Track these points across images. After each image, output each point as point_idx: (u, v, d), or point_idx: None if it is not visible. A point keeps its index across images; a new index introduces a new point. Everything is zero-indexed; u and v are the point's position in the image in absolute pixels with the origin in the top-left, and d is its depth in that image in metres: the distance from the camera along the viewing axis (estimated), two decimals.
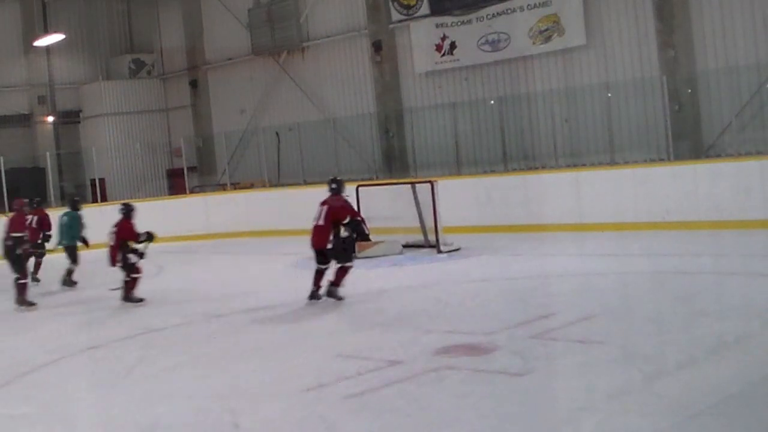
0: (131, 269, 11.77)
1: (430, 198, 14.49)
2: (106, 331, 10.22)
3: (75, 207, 14.90)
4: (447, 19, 19.53)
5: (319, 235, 10.89)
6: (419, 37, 20.10)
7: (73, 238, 14.50)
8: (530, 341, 7.71)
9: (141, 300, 11.80)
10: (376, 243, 14.73)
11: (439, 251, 14.35)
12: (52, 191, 23.39)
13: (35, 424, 6.81)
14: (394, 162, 20.74)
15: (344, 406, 6.36)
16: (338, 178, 11.46)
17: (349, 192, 15.60)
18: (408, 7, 20.23)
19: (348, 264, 10.82)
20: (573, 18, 17.51)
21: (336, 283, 10.75)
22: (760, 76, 15.06)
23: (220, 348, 8.80)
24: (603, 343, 7.49)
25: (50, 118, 26.66)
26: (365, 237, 12.87)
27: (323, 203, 11.06)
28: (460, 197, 16.61)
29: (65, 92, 27.03)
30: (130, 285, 11.83)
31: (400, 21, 20.46)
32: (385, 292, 11.26)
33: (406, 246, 14.96)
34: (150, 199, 23.77)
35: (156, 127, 27.44)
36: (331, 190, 11.19)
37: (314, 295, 10.82)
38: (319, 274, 10.85)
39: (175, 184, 25.83)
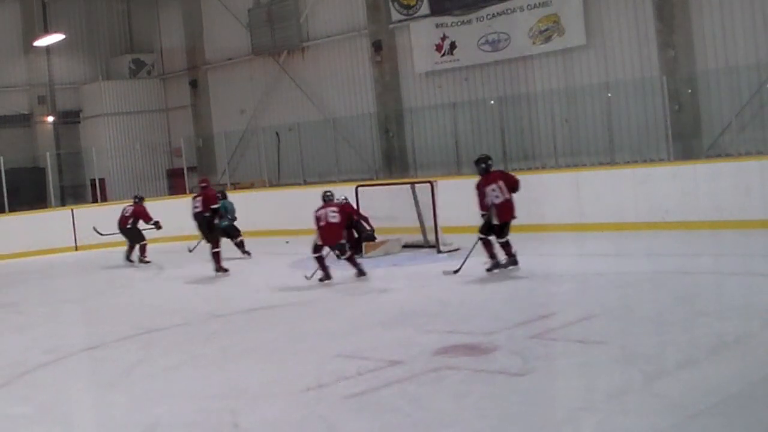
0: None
1: (430, 198, 14.50)
2: (106, 331, 10.22)
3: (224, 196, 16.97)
4: (447, 19, 19.53)
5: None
6: (419, 37, 20.10)
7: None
8: (530, 341, 7.71)
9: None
10: (381, 243, 14.75)
11: (439, 251, 14.35)
12: (51, 191, 23.39)
13: (35, 424, 6.81)
14: (394, 162, 20.74)
15: (344, 406, 6.36)
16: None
17: (349, 192, 15.68)
18: (408, 7, 20.23)
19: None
20: (573, 18, 17.51)
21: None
22: (760, 76, 15.06)
23: (220, 348, 8.80)
24: (603, 343, 7.49)
25: (50, 118, 26.66)
26: (370, 236, 13.30)
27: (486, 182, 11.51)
28: (460, 197, 16.58)
29: (65, 92, 27.03)
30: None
31: (400, 21, 20.46)
32: (385, 292, 11.27)
33: (406, 246, 14.96)
34: (150, 199, 23.74)
35: (156, 127, 27.44)
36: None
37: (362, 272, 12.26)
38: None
39: (175, 184, 25.83)
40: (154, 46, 28.06)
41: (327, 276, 12.32)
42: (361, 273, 12.41)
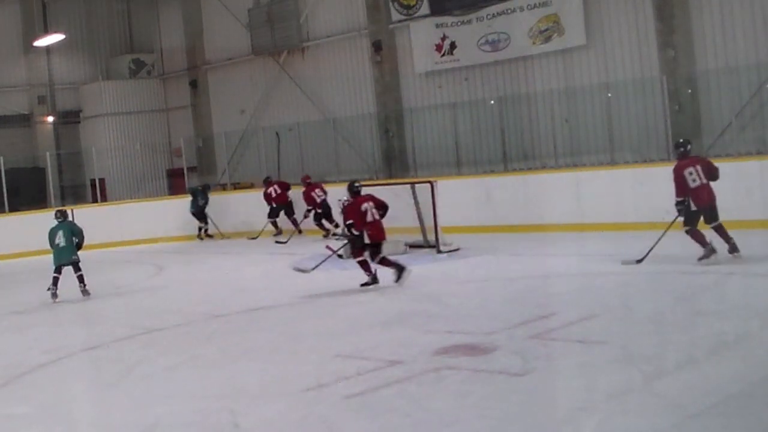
0: None
1: (430, 198, 14.49)
2: (106, 331, 10.22)
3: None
4: (447, 19, 19.52)
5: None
6: (419, 37, 20.10)
7: None
8: (530, 341, 7.71)
9: None
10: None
11: (439, 251, 14.35)
12: (51, 191, 23.39)
13: (35, 424, 6.81)
14: (394, 162, 20.74)
15: (344, 406, 6.36)
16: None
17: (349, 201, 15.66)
18: (408, 7, 20.23)
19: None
20: (573, 18, 17.51)
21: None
22: (760, 76, 15.06)
23: (220, 348, 8.80)
24: (603, 343, 7.49)
25: (50, 118, 26.67)
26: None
27: (683, 166, 10.97)
28: (460, 197, 16.61)
29: (65, 92, 27.04)
30: None
31: (400, 21, 20.46)
32: (386, 292, 11.26)
33: (414, 246, 14.93)
34: (150, 199, 23.80)
35: (156, 127, 27.45)
36: (681, 153, 11.22)
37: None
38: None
39: (175, 184, 25.84)
40: (154, 46, 28.07)
41: (375, 279, 11.56)
42: (400, 273, 11.46)
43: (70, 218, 14.32)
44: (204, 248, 19.38)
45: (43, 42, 25.32)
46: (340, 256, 14.77)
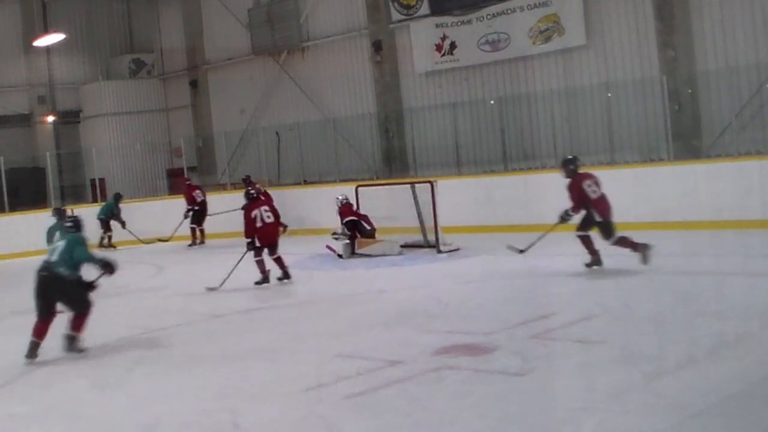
0: None
1: (430, 198, 14.49)
2: (106, 331, 10.21)
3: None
4: (447, 19, 19.53)
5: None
6: (419, 37, 20.10)
7: None
8: (530, 341, 7.71)
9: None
10: (375, 241, 14.75)
11: (439, 251, 14.35)
12: (51, 191, 23.39)
13: (35, 424, 6.81)
14: (394, 162, 20.74)
15: (344, 406, 6.36)
16: None
17: (349, 192, 15.68)
18: (408, 7, 20.23)
19: None
20: (573, 18, 17.51)
21: None
22: (760, 76, 15.06)
23: (220, 348, 8.80)
24: (603, 343, 7.49)
25: (50, 118, 26.65)
26: (371, 235, 13.44)
27: (581, 180, 11.34)
28: (460, 197, 16.61)
29: (65, 92, 27.04)
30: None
31: (400, 21, 20.46)
32: (385, 292, 11.26)
33: (406, 246, 14.95)
34: (150, 198, 23.79)
35: (156, 127, 27.45)
36: (572, 170, 11.50)
37: None
38: None
39: (175, 184, 25.83)
40: (154, 46, 28.07)
41: (266, 279, 12.41)
42: (286, 276, 12.42)
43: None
44: (204, 248, 19.37)
45: (43, 42, 25.29)
46: (339, 256, 14.78)
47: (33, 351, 8.85)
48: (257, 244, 12.34)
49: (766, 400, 5.79)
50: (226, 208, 19.17)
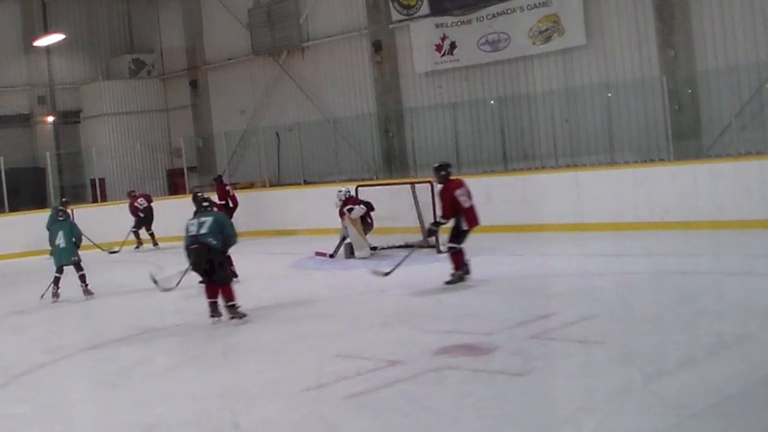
0: None
1: (430, 198, 14.48)
2: (106, 331, 10.22)
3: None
4: (447, 19, 19.53)
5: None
6: (419, 37, 20.10)
7: None
8: (530, 341, 7.71)
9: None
10: (360, 235, 14.68)
11: (439, 251, 14.33)
12: (51, 191, 23.39)
13: (35, 424, 6.81)
14: (394, 162, 20.74)
15: (344, 406, 6.36)
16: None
17: (349, 191, 15.67)
18: (408, 7, 20.23)
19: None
20: (573, 18, 17.51)
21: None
22: (760, 76, 15.06)
23: (220, 348, 8.80)
24: (603, 343, 7.49)
25: (50, 118, 26.65)
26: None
27: (453, 187, 11.07)
28: None
29: (65, 92, 27.03)
30: None
31: (400, 21, 20.46)
32: (385, 292, 11.26)
33: (406, 246, 14.92)
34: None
35: (156, 127, 27.45)
36: (444, 176, 11.22)
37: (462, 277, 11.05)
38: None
39: (175, 184, 25.84)
40: (154, 46, 28.06)
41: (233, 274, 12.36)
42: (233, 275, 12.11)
43: (71, 218, 14.33)
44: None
45: (43, 42, 25.29)
46: (331, 256, 14.82)
47: (214, 309, 10.08)
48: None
49: (766, 400, 5.79)
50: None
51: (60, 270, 12.82)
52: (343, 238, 14.88)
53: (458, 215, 11.07)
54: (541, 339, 7.81)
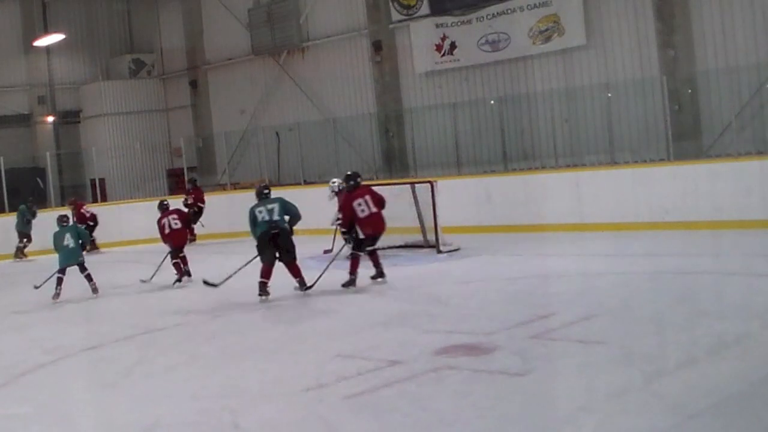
0: None
1: (430, 198, 14.49)
2: (106, 331, 10.22)
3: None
4: (447, 19, 19.53)
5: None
6: (419, 37, 20.10)
7: None
8: (530, 341, 7.71)
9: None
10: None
11: (439, 251, 14.35)
12: (51, 191, 23.39)
13: (35, 424, 6.81)
14: (394, 162, 20.74)
15: (344, 406, 6.36)
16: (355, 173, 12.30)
17: (342, 184, 15.63)
18: (408, 7, 20.23)
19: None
20: (573, 18, 17.51)
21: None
22: (760, 76, 15.06)
23: (220, 348, 8.80)
24: (603, 343, 7.49)
25: (50, 118, 26.66)
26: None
27: (353, 198, 11.64)
28: (460, 197, 16.61)
29: (65, 92, 27.04)
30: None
31: (400, 21, 20.46)
32: (385, 292, 11.26)
33: (406, 246, 14.93)
34: (150, 199, 23.73)
35: (156, 127, 27.45)
36: (352, 185, 11.88)
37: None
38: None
39: (175, 184, 25.83)
40: (154, 46, 28.06)
41: (187, 273, 13.76)
42: (187, 274, 13.76)
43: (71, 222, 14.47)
44: (204, 249, 19.36)
45: (43, 42, 25.30)
46: (328, 251, 14.84)
47: (264, 289, 11.19)
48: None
49: (766, 400, 5.79)
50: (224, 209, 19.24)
51: (63, 271, 12.85)
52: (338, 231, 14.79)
53: (355, 224, 11.58)
54: (541, 339, 7.81)
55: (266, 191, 11.77)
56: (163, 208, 14.19)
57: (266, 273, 11.23)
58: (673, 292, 9.54)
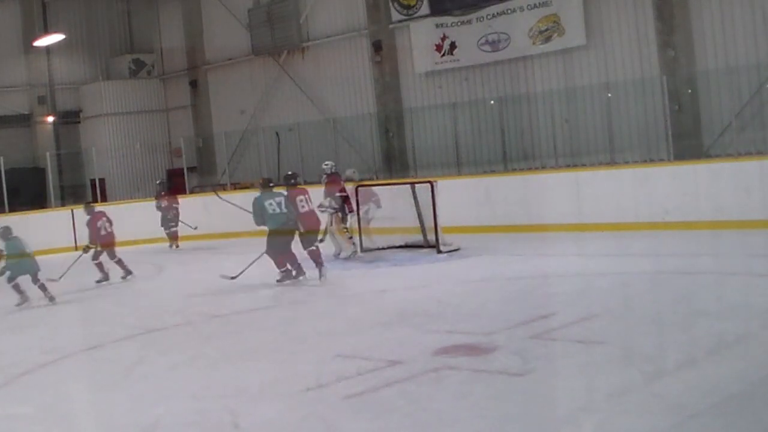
0: None
1: (430, 198, 14.48)
2: (106, 331, 10.22)
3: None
4: (447, 19, 19.52)
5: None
6: (419, 37, 20.10)
7: None
8: (530, 341, 7.71)
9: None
10: (345, 236, 14.67)
11: (439, 251, 14.34)
12: (51, 191, 23.39)
13: (35, 424, 6.81)
14: (394, 162, 20.74)
15: (344, 406, 6.36)
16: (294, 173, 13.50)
17: (349, 191, 15.65)
18: (408, 7, 20.22)
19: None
20: (573, 18, 17.51)
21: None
22: (760, 76, 15.06)
23: (220, 348, 8.80)
24: (603, 343, 7.49)
25: (50, 118, 26.64)
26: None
27: (295, 195, 12.70)
28: (460, 197, 16.61)
29: (65, 92, 27.02)
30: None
31: (400, 21, 20.45)
32: (385, 292, 11.27)
33: (406, 246, 14.94)
34: (150, 199, 23.73)
35: (156, 127, 27.44)
36: (292, 184, 13.00)
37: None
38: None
39: (175, 184, 25.82)
40: (154, 46, 28.05)
41: (106, 277, 14.15)
42: (128, 272, 14.36)
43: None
44: (204, 249, 19.37)
45: (43, 42, 25.28)
46: (320, 240, 14.76)
47: (288, 275, 12.20)
48: (98, 248, 14.25)
49: (766, 400, 5.79)
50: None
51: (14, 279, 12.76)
52: (331, 211, 14.76)
53: (296, 219, 12.48)
54: (541, 339, 7.81)
55: (271, 184, 12.55)
56: (92, 210, 14.71)
57: (282, 262, 12.16)
58: (673, 292, 9.54)
